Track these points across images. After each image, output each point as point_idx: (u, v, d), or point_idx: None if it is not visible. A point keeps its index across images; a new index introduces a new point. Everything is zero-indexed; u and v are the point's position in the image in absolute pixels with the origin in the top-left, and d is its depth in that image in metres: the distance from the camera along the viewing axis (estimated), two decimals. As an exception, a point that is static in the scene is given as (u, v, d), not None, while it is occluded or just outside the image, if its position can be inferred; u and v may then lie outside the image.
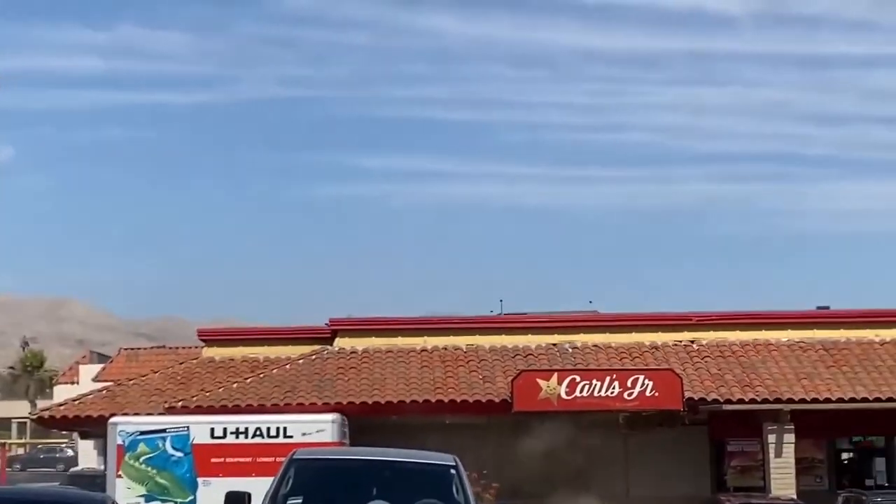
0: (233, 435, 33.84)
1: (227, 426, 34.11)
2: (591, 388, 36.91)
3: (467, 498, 14.24)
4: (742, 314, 42.74)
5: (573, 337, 41.34)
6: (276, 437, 33.64)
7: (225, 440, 33.74)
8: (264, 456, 33.08)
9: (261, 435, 33.76)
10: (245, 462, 33.18)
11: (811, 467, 40.21)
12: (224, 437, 33.79)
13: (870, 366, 39.05)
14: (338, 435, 33.99)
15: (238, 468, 32.89)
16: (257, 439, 33.72)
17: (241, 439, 33.78)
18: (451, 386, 38.22)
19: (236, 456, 33.43)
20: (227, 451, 33.58)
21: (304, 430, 33.63)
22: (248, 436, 33.82)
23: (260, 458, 33.13)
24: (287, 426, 33.89)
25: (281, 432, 33.72)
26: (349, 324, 42.37)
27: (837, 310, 44.01)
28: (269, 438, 33.66)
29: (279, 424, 34.00)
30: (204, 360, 42.46)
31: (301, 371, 39.32)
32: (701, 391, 37.44)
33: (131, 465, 33.62)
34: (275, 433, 33.76)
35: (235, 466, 33.00)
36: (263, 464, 32.81)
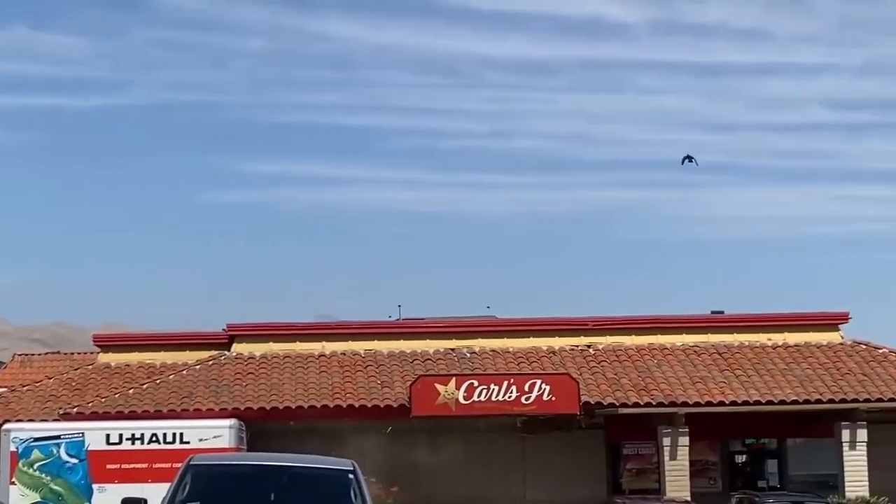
0: (129, 441, 33.50)
1: (122, 432, 33.74)
2: (489, 393, 37.13)
3: (365, 502, 14.28)
4: (637, 319, 43.25)
5: (471, 342, 41.56)
6: (173, 443, 33.38)
7: (121, 446, 33.40)
8: (161, 462, 32.82)
9: (157, 441, 33.46)
10: (141, 468, 32.86)
11: (705, 469, 40.80)
12: (120, 443, 33.44)
13: (762, 369, 39.73)
14: (235, 440, 33.81)
15: (134, 474, 32.58)
16: (154, 445, 33.42)
17: (138, 445, 33.45)
18: (350, 391, 38.22)
19: (132, 462, 33.10)
20: (123, 457, 33.23)
21: (200, 436, 33.42)
22: (145, 441, 33.51)
23: (156, 464, 32.85)
24: (184, 432, 33.64)
25: (177, 438, 33.47)
26: (246, 329, 42.15)
27: (731, 314, 44.71)
28: (166, 444, 33.38)
29: (176, 430, 33.73)
30: (100, 366, 42.00)
31: (198, 376, 39.07)
32: (597, 395, 37.83)
33: (25, 472, 33.16)
34: (171, 439, 33.49)
35: (131, 472, 32.69)
36: (160, 469, 32.53)
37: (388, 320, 49.87)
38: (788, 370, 39.66)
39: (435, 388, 37.14)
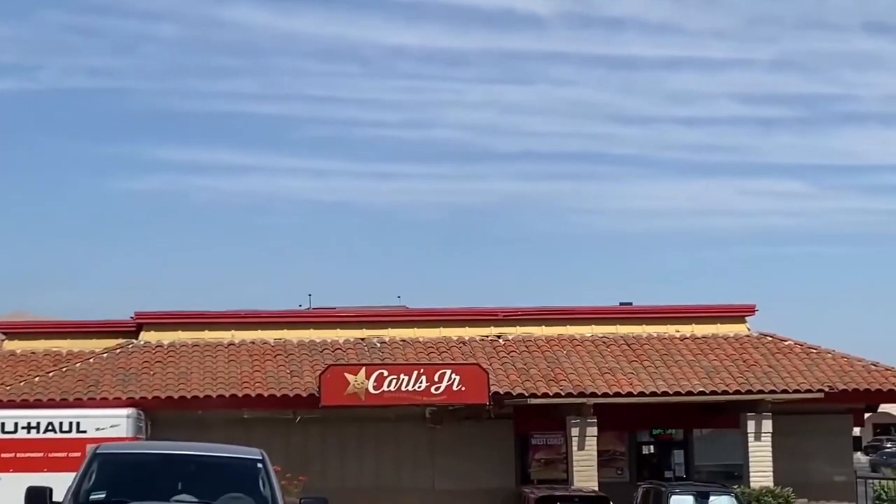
0: (24, 430, 32.80)
1: (17, 421, 33.05)
2: (399, 383, 37.14)
3: (273, 491, 14.22)
4: (547, 310, 43.50)
5: (381, 332, 41.56)
6: (70, 432, 32.79)
7: (16, 435, 32.72)
8: (57, 451, 32.32)
9: (53, 430, 32.83)
10: (37, 457, 32.20)
11: (613, 459, 41.14)
12: (15, 432, 32.75)
13: (670, 360, 40.14)
14: (133, 430, 33.30)
15: (30, 463, 32.00)
16: (50, 434, 32.78)
17: (33, 434, 32.76)
18: (259, 380, 38.04)
19: (28, 451, 32.41)
20: (18, 446, 32.54)
21: (97, 425, 32.89)
22: (40, 430, 32.82)
23: (52, 454, 32.28)
24: (80, 421, 33.03)
25: (74, 427, 32.87)
26: (155, 317, 41.78)
27: (639, 306, 45.12)
28: (62, 433, 32.78)
29: (72, 419, 33.09)
30: (4, 354, 41.40)
31: (105, 365, 38.67)
32: (507, 385, 38.00)
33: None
34: (67, 428, 32.86)
35: (27, 462, 32.06)
36: (57, 459, 32.04)
37: (298, 309, 49.86)
38: (696, 361, 40.11)
39: (345, 377, 37.08)
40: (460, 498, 38.94)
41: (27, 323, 46.97)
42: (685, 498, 28.90)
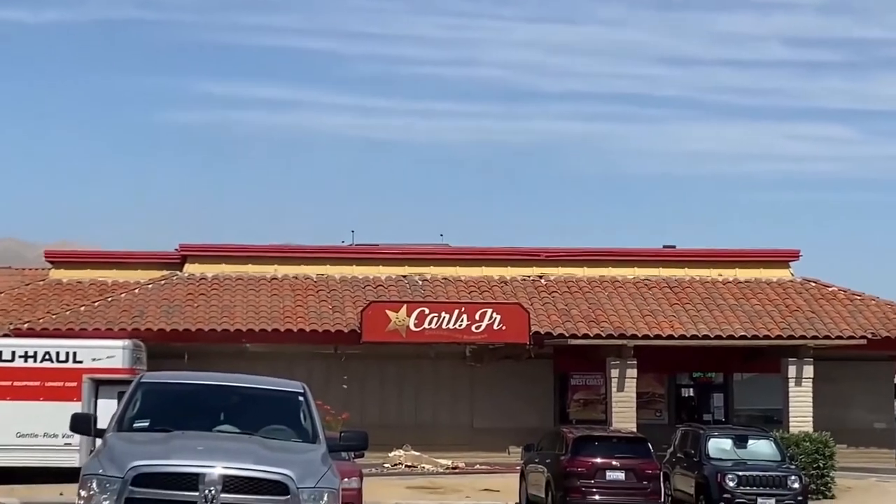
0: (21, 358, 32.85)
1: (15, 349, 33.13)
2: (440, 321, 37.28)
3: (314, 425, 14.31)
4: (590, 251, 43.47)
5: (423, 269, 41.64)
6: (66, 362, 32.90)
7: (13, 363, 32.76)
8: (53, 380, 32.52)
9: (50, 359, 32.93)
10: (33, 386, 32.45)
11: (652, 401, 41.22)
12: (12, 361, 32.79)
13: (711, 304, 40.08)
14: (129, 361, 33.34)
15: (27, 392, 32.21)
16: (46, 363, 32.86)
17: (30, 363, 32.83)
18: (301, 315, 38.27)
19: (24, 379, 32.57)
20: (16, 374, 32.65)
21: (94, 356, 33.01)
22: (38, 360, 32.87)
23: (48, 383, 32.50)
24: (77, 351, 33.08)
25: (70, 357, 32.96)
26: (199, 250, 42.04)
27: (682, 249, 44.98)
28: (59, 363, 32.89)
29: (69, 349, 33.13)
30: (51, 282, 41.83)
31: (150, 296, 38.99)
32: (547, 325, 38.06)
33: None
34: (64, 358, 32.94)
35: (23, 390, 32.25)
36: (52, 388, 32.38)
37: (340, 245, 49.93)
38: (738, 306, 40.03)
39: (386, 314, 37.25)
40: (499, 436, 39.14)
41: (74, 252, 47.40)
42: (724, 441, 28.87)
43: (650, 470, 27.01)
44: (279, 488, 12.49)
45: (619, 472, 26.87)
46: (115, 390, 32.16)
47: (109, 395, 32.20)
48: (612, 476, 26.83)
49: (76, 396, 32.46)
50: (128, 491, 12.28)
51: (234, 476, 12.40)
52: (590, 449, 27.32)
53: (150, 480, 12.33)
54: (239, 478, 12.41)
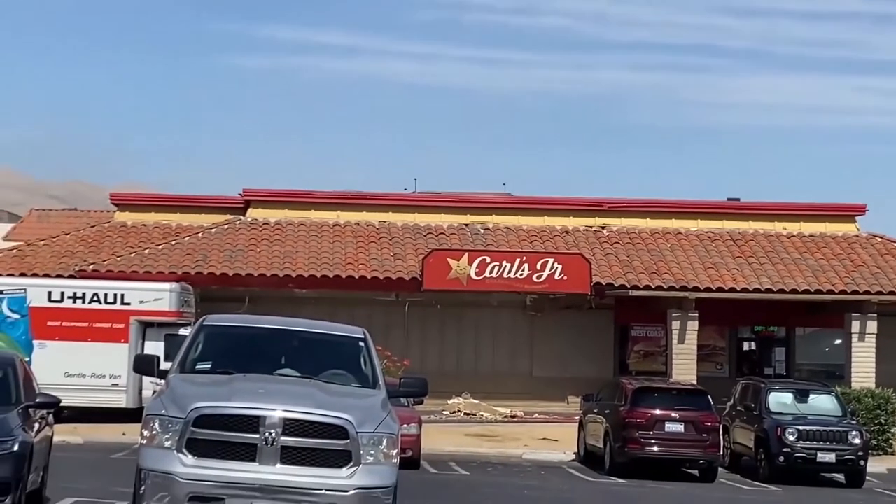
0: (70, 299, 33.33)
1: (64, 290, 33.60)
2: (501, 270, 37.26)
3: (374, 370, 14.37)
4: (653, 202, 43.24)
5: (485, 218, 41.59)
6: (114, 304, 33.30)
7: (62, 304, 33.20)
8: (101, 322, 32.99)
9: (98, 301, 33.33)
10: (81, 327, 32.89)
11: (712, 354, 41.08)
12: (61, 301, 33.24)
13: (775, 258, 39.76)
14: (176, 304, 33.73)
15: (74, 332, 32.59)
16: (94, 305, 33.29)
17: (79, 304, 33.26)
18: (363, 262, 38.37)
19: (73, 320, 33.01)
20: (64, 315, 33.05)
21: (141, 298, 33.35)
22: (86, 301, 33.32)
23: (96, 324, 32.97)
24: (125, 293, 33.51)
25: (118, 299, 33.37)
26: (263, 195, 42.20)
27: (747, 202, 44.66)
28: (107, 304, 33.31)
29: (117, 291, 33.57)
30: (116, 224, 42.17)
31: (213, 240, 39.23)
32: (609, 276, 37.94)
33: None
34: (112, 299, 33.36)
35: (72, 331, 32.70)
36: (100, 329, 32.85)
37: (403, 193, 49.93)
38: (802, 260, 39.69)
39: (447, 262, 37.27)
40: (558, 385, 39.19)
41: (138, 195, 47.75)
42: (785, 395, 28.71)
43: (709, 422, 26.94)
44: (339, 432, 12.57)
45: (678, 424, 26.82)
46: (161, 332, 32.59)
47: (156, 337, 32.61)
48: (670, 428, 26.79)
49: (123, 338, 32.90)
50: (189, 432, 12.42)
51: (295, 419, 12.49)
52: (649, 400, 27.29)
53: (211, 422, 12.46)
54: (299, 421, 12.50)
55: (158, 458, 12.48)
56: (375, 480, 12.66)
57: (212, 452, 12.41)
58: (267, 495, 12.35)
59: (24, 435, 14.39)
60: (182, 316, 33.84)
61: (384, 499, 12.77)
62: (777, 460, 26.87)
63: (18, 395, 15.24)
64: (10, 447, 14.02)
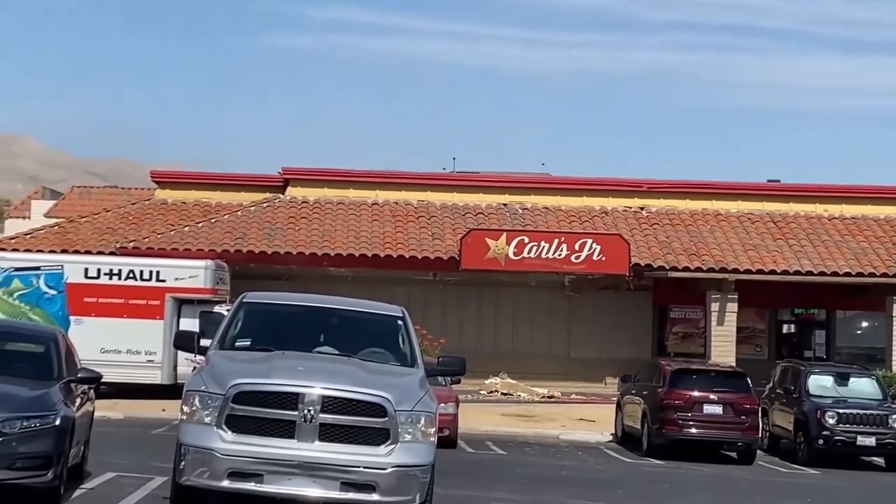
0: (106, 276, 33.46)
1: (100, 267, 33.75)
2: (539, 250, 37.22)
3: (413, 349, 14.41)
4: (693, 183, 43.06)
5: (524, 198, 41.52)
6: (150, 281, 33.44)
7: (98, 280, 33.36)
8: (136, 298, 33.15)
9: (133, 277, 33.47)
10: (117, 303, 33.05)
11: (752, 336, 40.94)
12: (97, 278, 33.40)
13: (816, 240, 39.53)
14: (211, 281, 33.81)
15: (110, 309, 32.79)
16: (130, 281, 33.43)
17: (115, 280, 33.39)
18: (401, 241, 38.42)
19: (109, 297, 33.18)
20: (100, 291, 33.23)
21: (177, 275, 33.47)
22: (122, 277, 33.46)
23: (132, 300, 33.12)
24: (160, 270, 33.64)
25: (154, 276, 33.50)
26: (302, 173, 42.30)
27: (787, 183, 44.40)
28: (143, 281, 33.46)
29: (152, 268, 33.71)
30: (156, 202, 42.38)
31: (252, 218, 39.37)
32: (647, 257, 37.84)
33: (4, 301, 33.10)
34: (148, 276, 33.49)
35: (108, 307, 32.89)
36: (135, 306, 33.01)
37: (441, 172, 49.96)
38: (843, 242, 39.44)
39: (485, 242, 37.26)
40: (595, 366, 39.16)
41: (179, 173, 47.87)
42: (824, 378, 28.54)
43: (748, 405, 26.84)
44: (377, 410, 12.62)
45: (717, 406, 26.72)
46: (197, 309, 32.74)
47: (191, 314, 32.74)
48: (709, 410, 26.70)
49: (159, 315, 33.05)
50: (229, 408, 12.49)
51: (333, 397, 12.54)
52: (687, 382, 27.19)
53: (250, 398, 12.53)
54: (338, 399, 12.55)
55: (198, 433, 12.57)
56: (413, 458, 12.70)
57: (251, 429, 12.49)
58: (305, 472, 12.41)
59: (65, 409, 14.48)
60: (217, 293, 33.99)
61: (422, 477, 12.81)
62: (816, 443, 26.73)
63: (60, 370, 15.34)
64: (51, 421, 14.12)
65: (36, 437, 13.90)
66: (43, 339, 16.04)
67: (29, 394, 14.39)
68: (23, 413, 13.95)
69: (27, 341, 16.26)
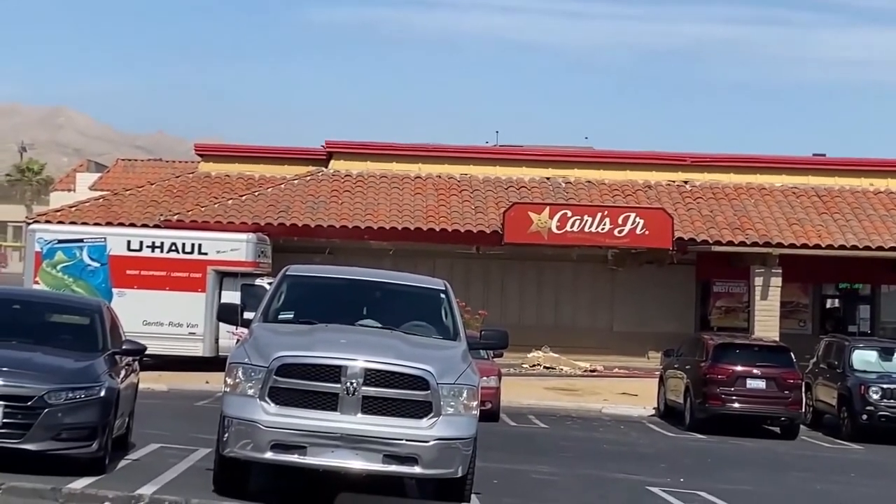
0: (148, 248, 33.69)
1: (143, 239, 33.98)
2: (582, 224, 37.11)
3: (455, 322, 14.44)
4: (737, 157, 42.80)
5: (567, 172, 41.40)
6: (191, 253, 33.64)
7: (141, 253, 33.61)
8: (178, 271, 33.35)
9: (176, 250, 33.67)
10: (159, 276, 33.25)
11: (796, 311, 40.71)
12: (140, 251, 33.65)
13: (861, 214, 39.23)
14: (253, 255, 33.99)
15: (153, 281, 33.00)
16: (172, 254, 33.63)
17: (157, 253, 33.64)
18: (443, 215, 38.39)
19: (151, 269, 33.40)
20: (143, 263, 33.49)
21: (218, 248, 33.63)
22: (164, 250, 33.68)
23: (174, 273, 33.33)
24: (202, 243, 33.82)
25: (196, 248, 33.69)
26: (345, 147, 42.33)
27: (833, 158, 44.06)
28: (184, 254, 33.64)
29: (194, 241, 33.88)
30: (200, 175, 42.51)
31: (295, 191, 39.44)
32: (691, 232, 37.67)
33: (48, 273, 33.39)
34: (190, 249, 33.68)
35: (150, 279, 33.09)
36: (177, 279, 33.22)
37: (484, 146, 49.85)
38: (889, 216, 39.11)
39: (528, 215, 37.18)
40: (638, 340, 39.07)
41: (222, 146, 48.03)
42: (869, 353, 28.39)
43: (792, 379, 26.76)
44: (419, 383, 12.66)
45: (760, 380, 26.65)
46: (238, 282, 32.93)
47: (233, 287, 32.96)
48: (752, 384, 26.64)
49: (201, 287, 33.23)
50: (272, 380, 12.57)
51: (376, 370, 12.60)
52: (730, 357, 27.13)
53: (293, 371, 12.61)
54: (380, 372, 12.60)
55: (242, 405, 12.66)
56: (455, 431, 12.74)
57: (294, 401, 12.56)
58: (348, 444, 12.48)
59: (110, 381, 14.61)
60: (258, 266, 34.16)
61: (464, 450, 12.86)
62: (860, 418, 26.62)
63: (105, 342, 15.47)
64: (96, 393, 14.26)
65: (81, 409, 14.05)
66: (88, 310, 16.17)
67: (74, 365, 14.54)
68: (68, 384, 14.09)
69: (72, 313, 16.42)
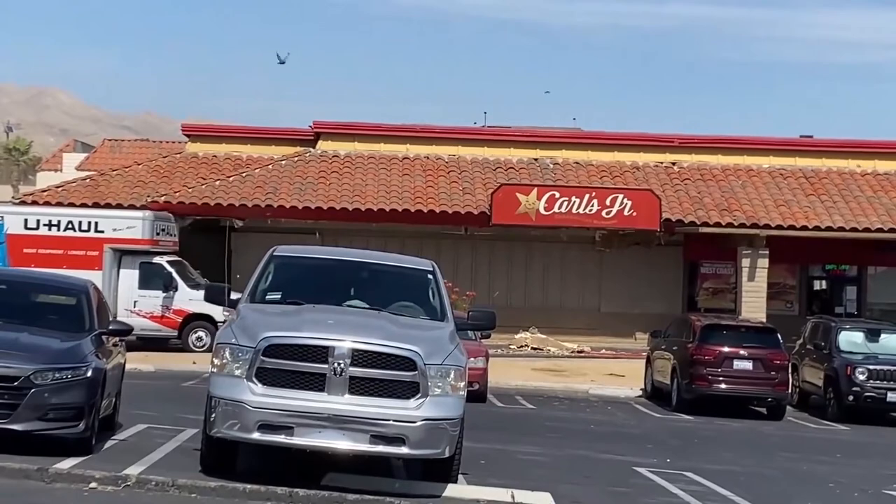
0: (45, 227, 33.57)
1: (39, 218, 33.86)
2: (570, 205, 37.13)
3: (443, 302, 14.43)
4: (724, 139, 42.81)
5: (555, 153, 41.39)
6: (88, 231, 33.53)
7: (38, 231, 33.49)
8: (76, 249, 33.20)
9: (72, 228, 33.56)
10: (57, 254, 32.98)
11: (783, 292, 40.82)
12: (37, 229, 33.51)
13: (848, 196, 39.30)
14: (149, 233, 33.86)
15: (50, 260, 32.44)
16: (69, 232, 33.50)
17: (54, 231, 33.50)
18: (431, 196, 38.38)
19: (48, 247, 33.20)
20: (40, 242, 33.32)
21: (114, 226, 33.56)
22: (61, 228, 33.54)
23: (71, 251, 33.16)
24: (98, 221, 33.75)
25: (92, 227, 33.58)
26: (333, 127, 42.25)
27: (820, 139, 44.12)
28: (81, 232, 33.51)
29: (91, 219, 33.82)
30: (187, 155, 42.44)
31: (283, 172, 39.38)
32: (679, 213, 37.71)
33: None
34: (86, 227, 33.58)
35: (47, 258, 32.60)
36: (75, 257, 32.99)
37: (472, 127, 49.82)
38: (875, 198, 39.20)
39: (516, 197, 37.19)
40: (625, 321, 39.13)
41: (210, 127, 47.92)
42: (855, 334, 28.43)
43: (778, 360, 26.81)
44: (406, 364, 12.67)
45: (747, 361, 26.70)
46: (136, 261, 32.95)
47: (131, 265, 33.00)
48: (739, 365, 26.69)
49: (98, 265, 33.12)
50: (259, 361, 12.56)
51: (363, 350, 12.60)
52: (717, 337, 27.17)
53: (281, 351, 12.60)
54: (367, 352, 12.60)
55: (229, 386, 12.65)
56: (442, 412, 12.75)
57: (281, 382, 12.56)
58: (335, 425, 12.48)
59: (97, 361, 14.59)
60: (157, 244, 34.08)
61: (451, 430, 12.87)
62: (846, 399, 26.69)
63: (92, 322, 15.44)
64: (83, 373, 14.23)
65: (67, 389, 14.03)
66: (74, 291, 16.14)
67: (60, 345, 14.52)
68: (55, 364, 14.07)
69: (59, 293, 16.38)
